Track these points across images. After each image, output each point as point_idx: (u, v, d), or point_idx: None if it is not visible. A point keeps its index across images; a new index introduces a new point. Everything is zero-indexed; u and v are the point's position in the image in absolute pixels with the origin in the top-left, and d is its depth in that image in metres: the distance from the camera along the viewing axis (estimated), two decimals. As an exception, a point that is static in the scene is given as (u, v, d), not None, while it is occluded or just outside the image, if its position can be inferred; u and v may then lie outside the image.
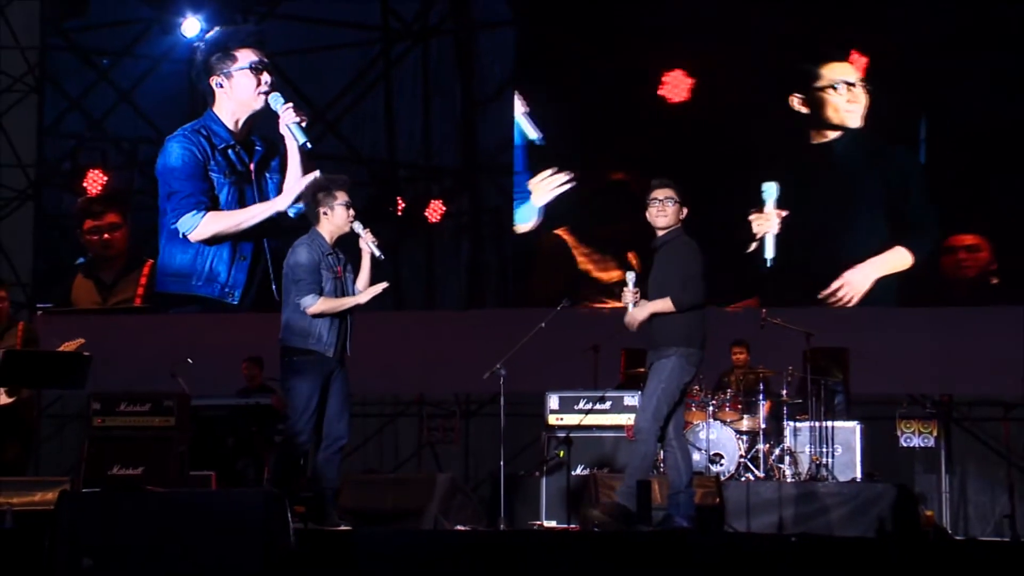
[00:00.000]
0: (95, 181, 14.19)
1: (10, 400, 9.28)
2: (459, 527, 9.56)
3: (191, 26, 14.04)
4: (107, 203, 14.23)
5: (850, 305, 12.79)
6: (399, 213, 13.83)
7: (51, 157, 14.56)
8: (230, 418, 10.94)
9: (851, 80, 13.19)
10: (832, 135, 13.27)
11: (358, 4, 14.21)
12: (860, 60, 13.21)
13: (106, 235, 14.19)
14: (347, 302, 8.27)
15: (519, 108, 13.24)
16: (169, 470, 9.07)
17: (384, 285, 8.35)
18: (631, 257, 13.12)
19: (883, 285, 12.89)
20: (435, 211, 13.78)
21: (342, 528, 8.20)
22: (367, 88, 14.07)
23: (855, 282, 12.84)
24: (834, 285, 12.78)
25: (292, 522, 7.22)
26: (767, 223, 12.81)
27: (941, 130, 13.07)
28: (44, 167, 14.61)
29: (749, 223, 12.87)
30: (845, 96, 13.20)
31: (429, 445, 13.49)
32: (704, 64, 13.44)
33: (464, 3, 14.18)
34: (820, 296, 12.80)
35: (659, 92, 13.48)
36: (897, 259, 12.93)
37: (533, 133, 13.24)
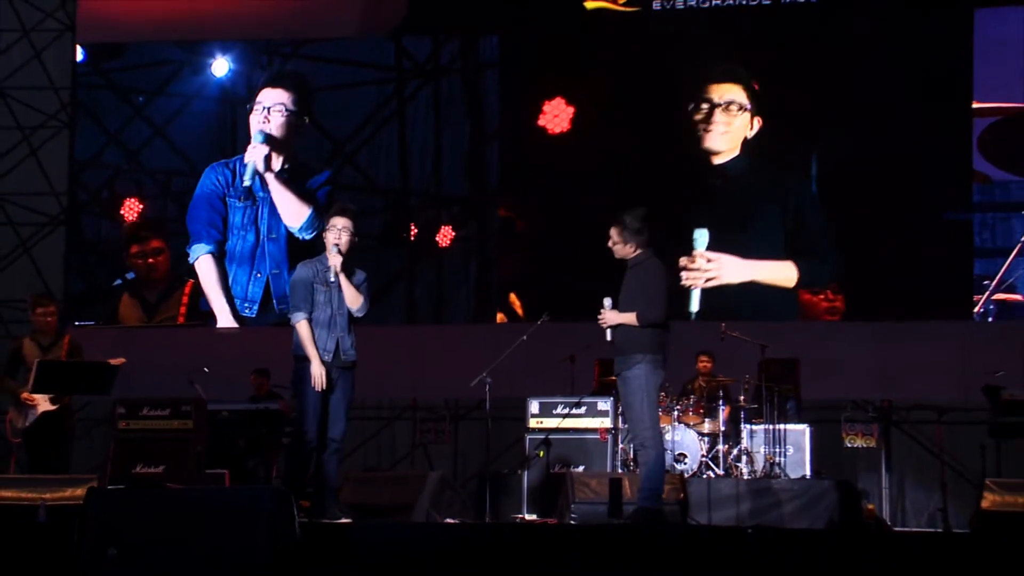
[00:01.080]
0: (131, 209, 14.32)
1: (54, 407, 9.25)
2: (449, 520, 9.56)
3: (220, 66, 14.39)
4: (151, 229, 14.33)
5: (699, 286, 12.47)
6: (412, 238, 13.86)
7: (91, 186, 14.57)
8: (242, 422, 10.92)
9: (738, 101, 13.21)
10: (728, 156, 13.25)
11: (374, 46, 14.25)
12: (742, 87, 13.23)
13: (151, 259, 14.24)
14: (312, 355, 8.21)
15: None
16: (187, 469, 9.06)
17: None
18: (512, 297, 13.41)
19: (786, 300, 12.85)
20: (445, 236, 13.80)
21: (343, 521, 8.18)
22: (383, 123, 14.12)
23: (726, 269, 12.70)
24: (705, 256, 12.53)
25: (298, 516, 7.21)
26: (696, 277, 12.63)
27: (830, 165, 13.08)
28: (77, 196, 14.60)
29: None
30: (734, 116, 13.21)
31: (422, 446, 13.45)
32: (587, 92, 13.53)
33: (471, 46, 14.18)
34: (680, 262, 12.44)
35: (539, 123, 13.57)
36: (782, 273, 12.90)
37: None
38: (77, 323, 13.82)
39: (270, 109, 13.84)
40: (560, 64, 13.80)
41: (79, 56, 14.67)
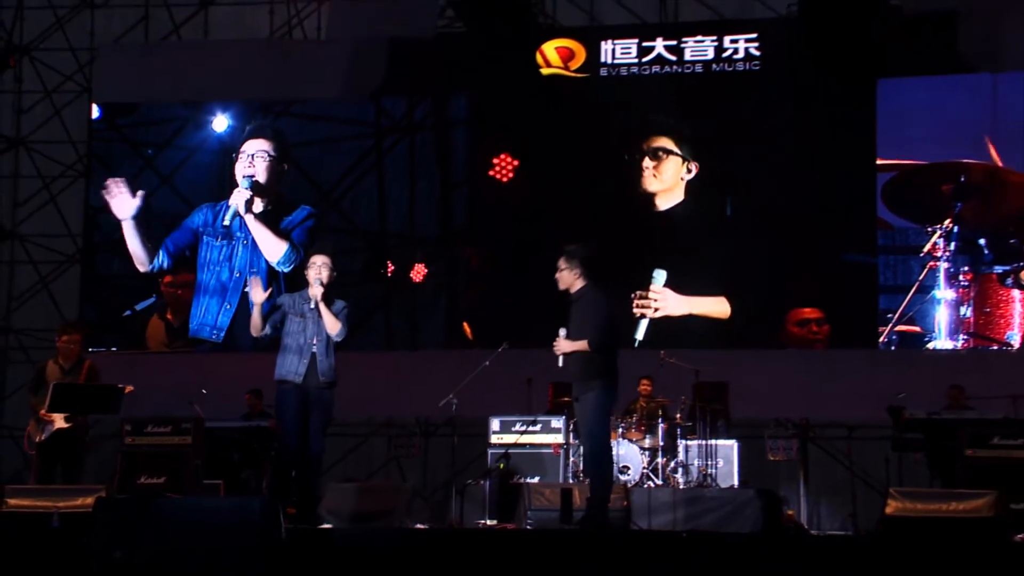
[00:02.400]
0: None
1: (68, 425, 9.19)
2: (419, 525, 9.48)
3: (220, 123, 14.48)
4: (187, 266, 14.15)
5: (648, 315, 12.68)
6: (389, 274, 13.80)
7: (105, 228, 14.43)
8: (236, 438, 10.80)
9: (665, 147, 13.27)
10: (670, 202, 13.31)
11: (356, 105, 14.25)
12: (670, 138, 13.33)
13: (179, 291, 14.11)
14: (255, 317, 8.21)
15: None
16: (186, 480, 8.97)
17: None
18: (465, 326, 13.42)
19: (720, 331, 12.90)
20: (419, 272, 13.74)
21: (325, 527, 8.10)
22: (364, 173, 14.09)
23: (670, 303, 12.79)
24: (655, 292, 12.72)
25: (284, 522, 7.14)
26: (648, 307, 12.71)
27: (757, 212, 13.13)
28: (91, 237, 14.52)
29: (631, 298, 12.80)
30: (663, 160, 13.27)
31: (396, 459, 13.41)
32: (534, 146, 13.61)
33: (442, 104, 14.20)
34: (632, 294, 12.72)
35: (490, 173, 13.61)
36: (717, 307, 12.94)
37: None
38: (91, 349, 13.70)
39: (254, 156, 13.90)
40: (510, 121, 13.84)
41: (95, 113, 14.62)
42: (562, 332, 8.17)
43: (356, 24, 14.19)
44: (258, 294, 8.14)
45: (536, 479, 10.28)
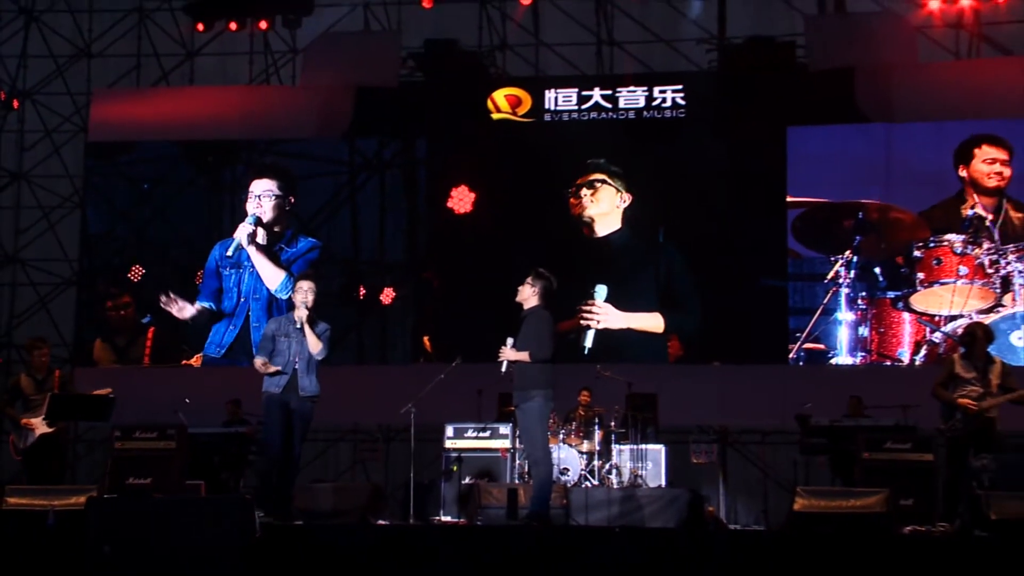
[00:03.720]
0: (136, 272, 14.09)
1: (51, 429, 9.05)
2: (381, 521, 9.45)
3: (209, 160, 14.37)
4: (121, 288, 14.05)
5: (593, 326, 12.69)
6: (361, 297, 13.75)
7: (103, 254, 14.33)
8: (216, 443, 10.69)
9: (599, 179, 13.35)
10: (609, 229, 13.37)
11: (331, 144, 14.16)
12: (604, 172, 13.38)
13: (122, 312, 14.03)
14: (257, 363, 8.18)
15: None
16: (170, 481, 8.82)
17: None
18: (425, 340, 13.46)
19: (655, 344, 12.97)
20: (388, 296, 13.70)
21: (296, 523, 8.05)
22: (339, 206, 14.04)
23: (611, 317, 12.82)
24: (599, 306, 12.70)
25: (258, 519, 7.10)
26: (592, 318, 12.72)
27: (687, 241, 13.24)
28: (86, 262, 14.37)
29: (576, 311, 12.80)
30: (598, 190, 13.35)
31: (360, 462, 13.33)
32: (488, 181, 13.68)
33: (410, 145, 14.18)
34: (577, 307, 12.72)
35: (448, 204, 13.68)
36: (652, 322, 13.02)
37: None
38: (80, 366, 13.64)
39: (261, 196, 13.79)
40: (466, 159, 13.87)
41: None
42: (509, 341, 8.15)
43: (327, 73, 14.19)
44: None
45: (485, 479, 10.27)
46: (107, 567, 6.78)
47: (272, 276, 13.57)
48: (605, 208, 13.38)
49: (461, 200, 13.76)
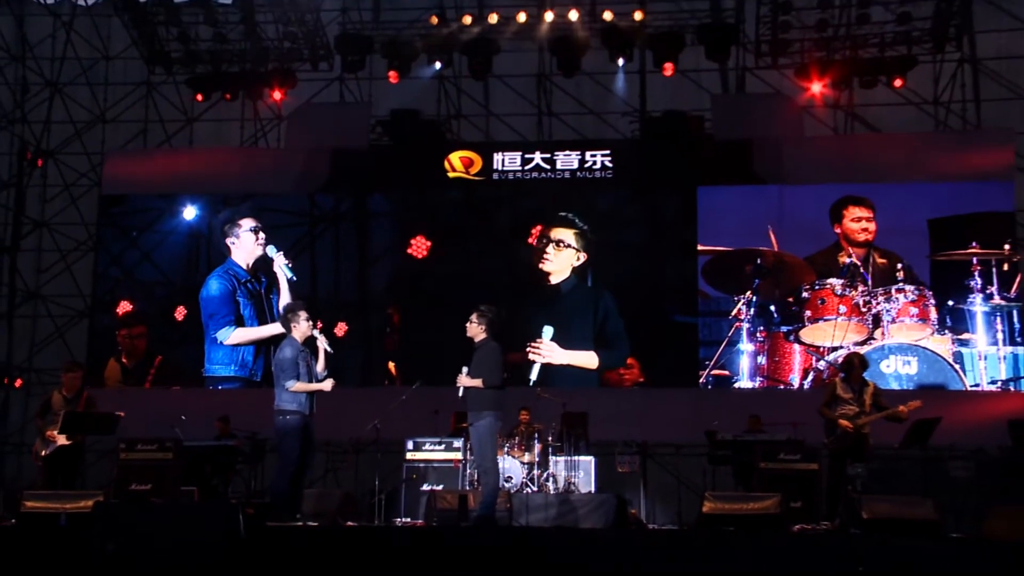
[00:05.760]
0: (125, 307, 13.94)
1: (69, 443, 8.93)
2: (350, 523, 9.36)
3: (189, 212, 14.21)
4: (138, 319, 13.88)
5: (539, 361, 12.06)
6: (319, 330, 13.48)
7: (101, 292, 14.16)
8: (207, 454, 10.55)
9: (567, 240, 13.34)
10: (560, 277, 13.36)
11: (297, 199, 14.07)
12: (574, 231, 13.37)
13: (134, 340, 13.84)
14: (315, 388, 8.08)
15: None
16: (167, 487, 8.74)
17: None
18: (391, 366, 13.32)
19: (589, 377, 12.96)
20: (341, 329, 13.56)
21: (298, 524, 7.89)
22: (300, 251, 13.84)
23: (554, 354, 12.73)
24: (545, 344, 12.46)
25: (242, 521, 7.01)
26: (539, 353, 12.59)
27: (616, 285, 13.26)
28: (96, 297, 14.20)
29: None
30: (561, 251, 13.32)
31: (332, 471, 13.18)
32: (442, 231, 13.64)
33: (362, 200, 14.10)
34: (528, 344, 12.59)
35: (408, 251, 13.66)
36: (587, 359, 13.04)
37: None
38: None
39: (257, 229, 13.40)
40: (425, 212, 13.89)
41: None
42: (464, 370, 8.19)
43: (308, 137, 14.18)
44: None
45: (440, 487, 10.21)
46: (111, 563, 6.65)
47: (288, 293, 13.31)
48: (562, 266, 13.37)
49: (419, 247, 13.76)
